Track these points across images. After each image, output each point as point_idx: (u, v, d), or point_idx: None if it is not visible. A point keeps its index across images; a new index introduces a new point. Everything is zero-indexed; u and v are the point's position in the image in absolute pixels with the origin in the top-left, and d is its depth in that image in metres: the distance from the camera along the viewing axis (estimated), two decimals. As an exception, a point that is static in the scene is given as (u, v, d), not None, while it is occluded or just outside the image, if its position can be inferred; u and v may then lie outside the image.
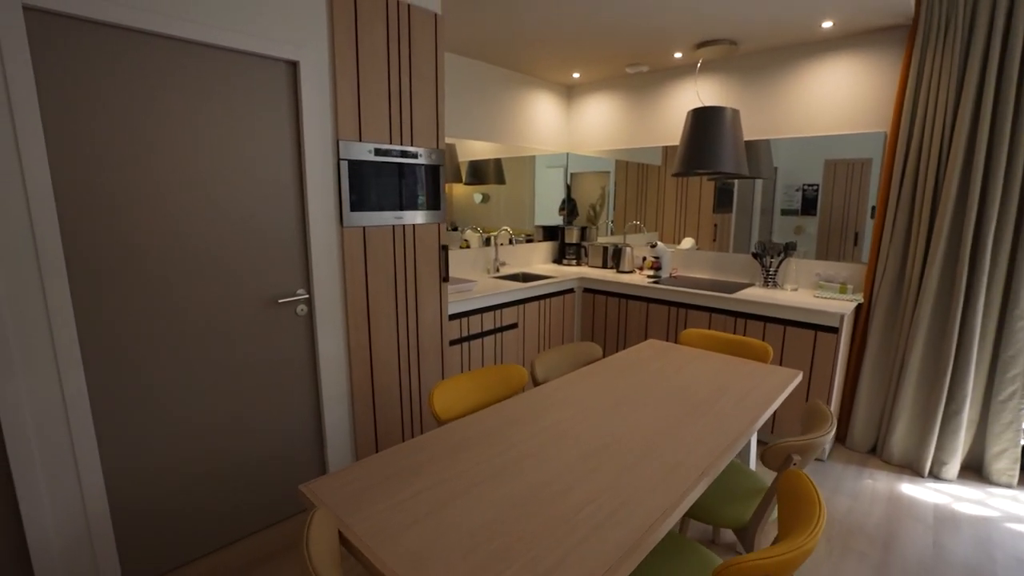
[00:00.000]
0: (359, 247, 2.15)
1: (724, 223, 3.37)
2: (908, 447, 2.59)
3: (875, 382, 2.68)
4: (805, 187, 3.07)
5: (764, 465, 1.39)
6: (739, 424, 1.50)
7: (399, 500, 1.13)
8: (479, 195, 3.63)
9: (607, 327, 3.36)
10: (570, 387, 1.77)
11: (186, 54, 1.66)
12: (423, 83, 2.28)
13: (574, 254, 3.93)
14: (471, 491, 1.16)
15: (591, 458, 1.31)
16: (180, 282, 1.73)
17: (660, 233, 3.67)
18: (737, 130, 2.88)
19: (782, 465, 1.38)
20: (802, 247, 3.02)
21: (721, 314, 2.82)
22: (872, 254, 2.67)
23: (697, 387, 1.77)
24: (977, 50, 2.25)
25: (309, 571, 0.84)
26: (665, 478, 1.21)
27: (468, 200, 3.56)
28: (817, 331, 2.50)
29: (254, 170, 1.86)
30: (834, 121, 2.84)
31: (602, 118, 3.84)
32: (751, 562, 0.90)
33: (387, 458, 1.30)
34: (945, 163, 2.41)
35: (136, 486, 1.72)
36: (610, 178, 3.92)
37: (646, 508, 1.10)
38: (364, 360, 2.24)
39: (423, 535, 1.01)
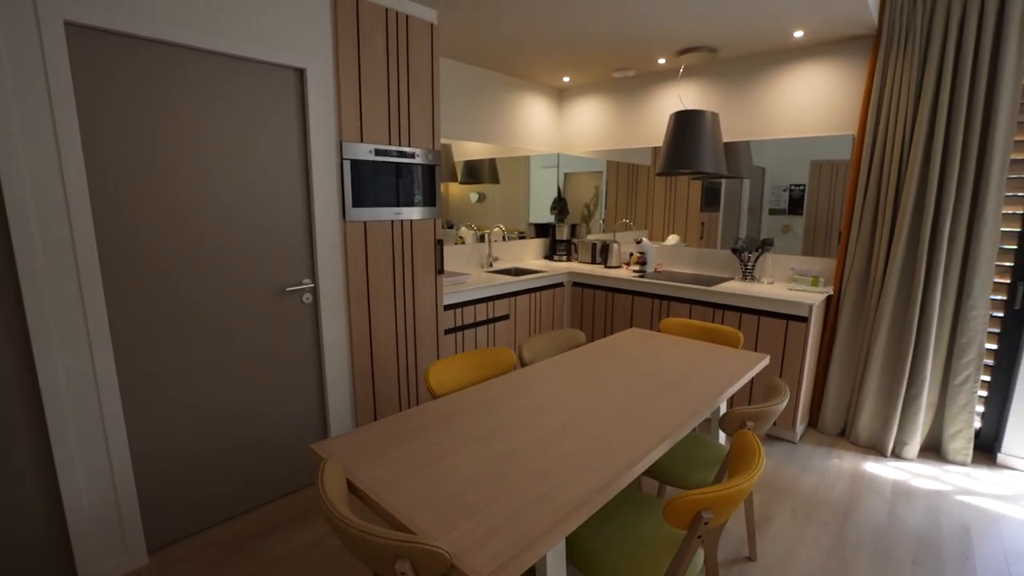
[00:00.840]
0: (360, 240, 2.32)
1: (711, 221, 3.54)
2: (873, 429, 2.77)
3: (844, 369, 2.86)
4: (792, 187, 3.24)
5: (723, 431, 1.56)
6: (703, 399, 1.67)
7: (396, 457, 1.30)
8: (475, 194, 3.79)
9: (595, 318, 3.54)
10: (553, 368, 1.94)
11: (204, 63, 1.83)
12: (420, 88, 2.45)
13: (564, 250, 4.10)
14: (460, 451, 1.33)
15: (567, 426, 1.48)
16: (195, 274, 1.90)
17: (649, 231, 3.84)
18: (716, 132, 3.06)
19: (738, 429, 1.56)
20: (790, 245, 3.18)
21: (701, 305, 3.00)
22: (841, 249, 2.85)
23: (670, 369, 1.94)
24: (933, 59, 2.44)
25: (326, 504, 1.01)
26: (630, 442, 1.38)
27: (465, 199, 3.73)
28: (788, 320, 2.68)
29: (264, 169, 2.03)
30: (806, 124, 3.02)
31: (591, 120, 4.01)
32: (693, 497, 1.07)
33: (385, 425, 1.47)
34: (906, 164, 2.59)
35: (157, 458, 1.89)
36: (603, 178, 4.10)
37: (611, 464, 1.27)
38: (365, 345, 2.40)
39: (419, 484, 1.18)
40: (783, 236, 3.21)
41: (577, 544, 1.37)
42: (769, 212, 3.30)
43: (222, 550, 1.94)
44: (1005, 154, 2.35)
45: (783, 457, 2.67)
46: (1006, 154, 2.35)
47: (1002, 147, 2.34)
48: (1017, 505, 2.28)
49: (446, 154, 3.48)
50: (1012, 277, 2.53)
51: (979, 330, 2.49)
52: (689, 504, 1.07)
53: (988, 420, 2.67)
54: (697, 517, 1.09)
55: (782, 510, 2.24)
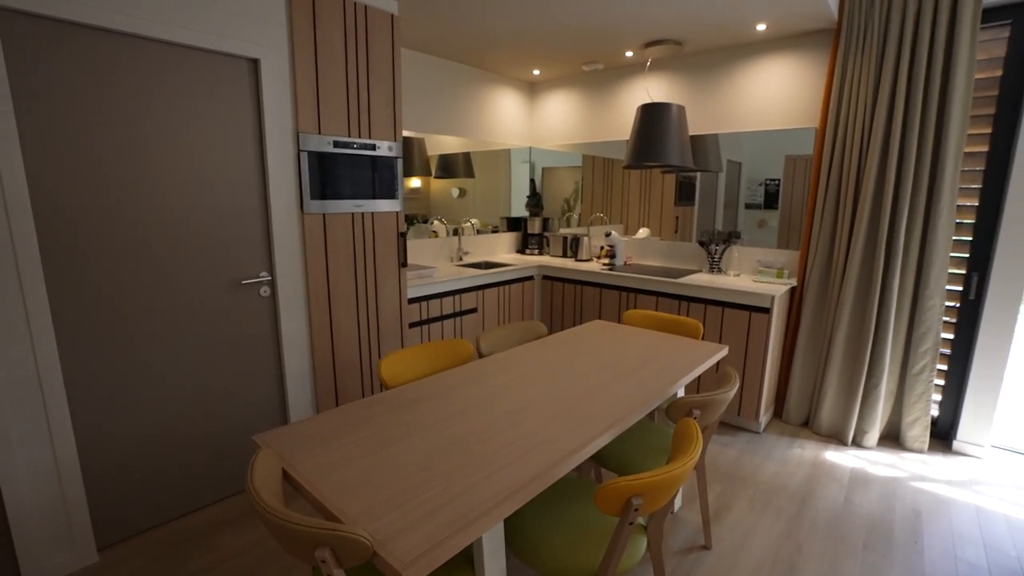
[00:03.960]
0: (319, 233, 2.30)
1: (686, 215, 3.56)
2: (835, 418, 2.82)
3: (807, 359, 2.90)
4: (767, 182, 3.27)
5: (669, 419, 1.57)
6: (655, 388, 1.67)
7: (338, 446, 1.29)
8: (456, 190, 3.81)
9: (564, 311, 3.55)
10: (511, 359, 1.94)
11: (151, 52, 1.79)
12: (381, 79, 2.43)
13: (536, 244, 4.10)
14: (407, 438, 1.33)
15: (517, 414, 1.48)
16: (144, 266, 1.86)
17: (625, 225, 3.85)
18: (682, 125, 3.07)
19: (687, 414, 1.57)
20: (766, 239, 3.18)
21: (667, 298, 3.02)
22: (804, 241, 2.89)
23: (627, 359, 1.95)
24: (891, 53, 2.47)
25: (250, 491, 1.00)
26: (576, 428, 1.39)
27: (446, 195, 3.74)
28: (752, 312, 2.71)
29: (217, 161, 2.00)
30: (770, 117, 3.05)
31: (563, 114, 4.01)
32: (625, 482, 1.08)
33: (332, 415, 1.46)
34: (865, 156, 2.63)
35: (107, 452, 1.86)
36: (580, 172, 4.10)
37: (554, 452, 1.27)
38: (326, 338, 2.38)
39: (357, 472, 1.17)
40: (759, 230, 3.23)
41: (518, 531, 1.38)
42: (745, 206, 3.32)
43: (173, 546, 1.92)
44: (959, 147, 2.39)
45: (746, 447, 2.71)
46: (959, 147, 2.39)
47: (955, 140, 2.38)
48: (968, 490, 2.33)
49: (419, 148, 3.46)
50: (967, 268, 2.58)
51: (935, 319, 2.54)
52: (619, 491, 1.08)
53: (944, 408, 2.72)
54: (628, 504, 1.10)
55: (741, 499, 2.26)
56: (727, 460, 2.58)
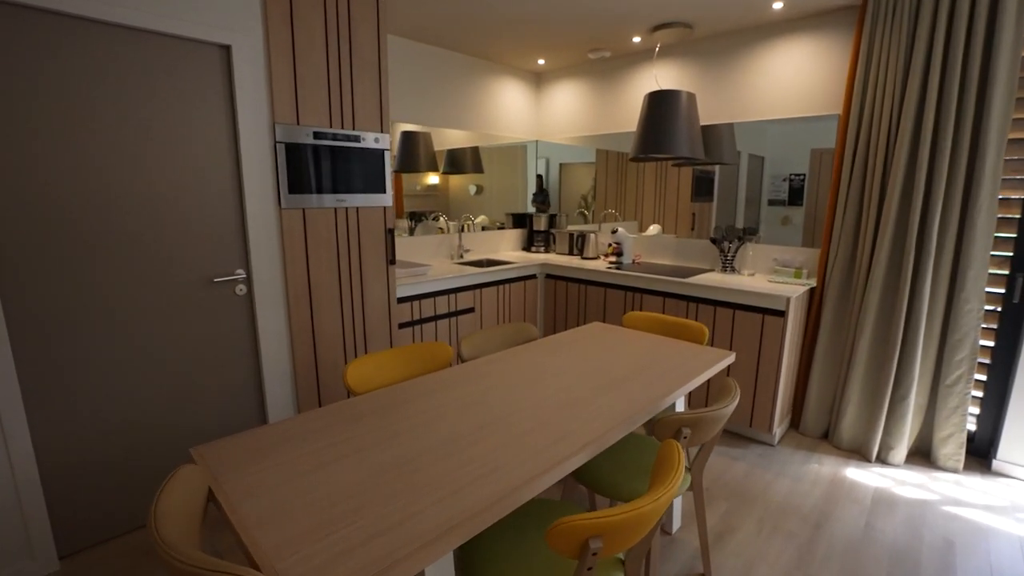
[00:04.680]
0: (299, 228, 2.19)
1: (703, 212, 3.34)
2: (857, 432, 2.58)
3: (827, 367, 2.67)
4: (792, 176, 3.04)
5: (655, 438, 1.40)
6: (647, 400, 1.50)
7: (278, 462, 1.16)
8: (473, 186, 3.75)
9: (568, 312, 3.38)
10: (492, 365, 1.79)
11: (113, 38, 1.70)
12: (366, 67, 2.31)
13: (543, 241, 3.94)
14: (354, 455, 1.19)
15: (487, 427, 1.33)
16: (108, 263, 1.78)
17: (639, 221, 3.65)
18: (692, 114, 2.87)
19: (675, 436, 1.40)
20: (789, 237, 2.95)
21: (674, 298, 2.83)
22: (825, 238, 2.65)
23: (620, 366, 1.78)
24: (923, 32, 2.22)
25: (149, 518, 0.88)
26: (549, 447, 1.23)
27: (464, 191, 3.69)
28: (765, 315, 2.50)
29: (187, 153, 1.90)
30: (788, 104, 2.82)
31: (569, 105, 3.84)
32: (580, 521, 0.92)
33: (283, 425, 1.34)
34: (893, 145, 2.38)
35: (69, 460, 1.78)
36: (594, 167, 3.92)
37: (515, 474, 1.12)
38: (307, 339, 2.28)
39: (287, 493, 1.05)
40: (783, 228, 3.00)
41: (471, 564, 1.23)
42: (768, 203, 3.09)
43: (137, 556, 1.84)
44: (1002, 134, 2.14)
45: (757, 461, 2.50)
46: (1003, 134, 2.14)
47: (998, 125, 2.13)
48: (1009, 518, 2.08)
49: (425, 143, 3.35)
50: (1011, 268, 2.32)
51: (973, 326, 2.29)
52: (572, 530, 0.92)
53: (983, 423, 2.46)
54: (585, 546, 0.94)
55: (748, 520, 2.07)
56: (735, 475, 2.37)
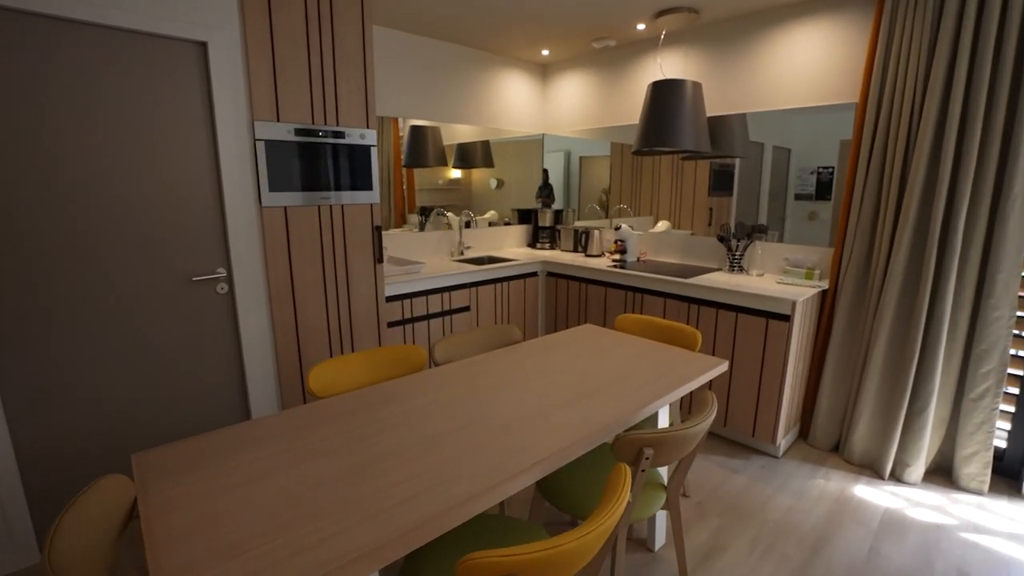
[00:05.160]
0: (280, 226, 2.17)
1: (721, 207, 3.17)
2: (869, 446, 2.40)
3: (839, 374, 2.49)
4: (820, 170, 2.85)
5: (616, 458, 1.30)
6: (621, 411, 1.41)
7: (219, 470, 1.13)
8: (494, 181, 3.76)
9: (569, 312, 3.28)
10: (467, 369, 1.73)
11: (87, 37, 1.70)
12: (349, 61, 2.26)
13: (548, 237, 3.84)
14: (298, 465, 1.15)
15: (441, 438, 1.27)
16: (87, 256, 1.79)
17: (655, 217, 3.50)
18: (698, 104, 2.71)
19: (635, 460, 1.30)
20: (816, 234, 2.75)
21: (675, 300, 2.69)
22: (839, 236, 2.46)
23: (603, 372, 1.69)
24: (952, 8, 2.01)
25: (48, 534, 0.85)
26: (499, 463, 1.16)
27: (485, 186, 3.71)
28: (769, 319, 2.34)
29: (165, 152, 1.90)
30: (802, 92, 2.62)
31: (575, 97, 3.70)
32: (492, 558, 0.84)
33: (238, 429, 1.31)
34: (915, 137, 2.18)
35: (49, 453, 1.81)
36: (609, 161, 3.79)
37: (455, 492, 1.05)
38: (290, 338, 2.27)
39: (213, 507, 1.01)
40: (809, 223, 2.81)
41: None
42: (795, 197, 2.90)
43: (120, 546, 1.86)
44: (1039, 120, 1.91)
45: (759, 474, 2.35)
46: (1040, 120, 1.91)
47: (1034, 111, 1.91)
48: (1036, 547, 1.89)
49: (434, 137, 3.31)
50: (1048, 271, 2.09)
51: (1002, 335, 2.08)
52: (481, 569, 0.84)
53: (1014, 441, 2.24)
54: (497, 582, 0.86)
55: (740, 539, 1.94)
56: (733, 489, 2.24)
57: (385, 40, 2.97)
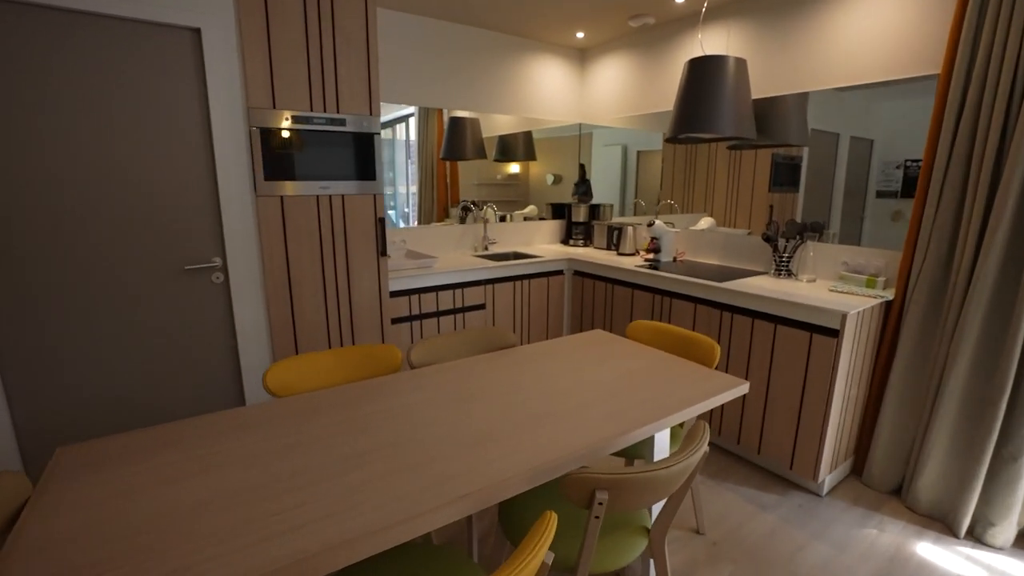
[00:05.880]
0: (276, 217, 2.12)
1: (784, 203, 2.78)
2: (940, 495, 1.96)
3: (904, 403, 2.07)
4: (908, 163, 2.42)
5: (567, 498, 1.09)
6: (598, 436, 1.19)
7: (128, 471, 1.05)
8: (551, 176, 3.70)
9: (595, 314, 3.02)
10: (439, 375, 1.57)
11: (79, 25, 1.72)
12: (350, 45, 2.17)
13: (581, 234, 3.59)
14: (216, 470, 1.06)
15: (370, 455, 1.13)
16: (80, 245, 1.83)
17: (710, 213, 3.16)
18: (742, 84, 2.37)
19: (588, 501, 1.07)
20: (900, 235, 2.32)
21: (706, 306, 2.37)
22: (909, 237, 2.04)
23: (594, 385, 1.47)
24: (1070, -57, 1.56)
25: None
26: (422, 492, 0.99)
27: (542, 181, 3.67)
28: (813, 333, 1.98)
29: (158, 139, 1.90)
30: (869, 66, 2.20)
31: (614, 83, 3.42)
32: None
33: (173, 427, 1.24)
34: (1015, 116, 1.73)
35: (51, 443, 1.88)
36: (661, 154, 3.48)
37: (350, 525, 0.90)
38: (287, 331, 2.22)
39: (103, 513, 0.93)
40: (893, 224, 2.38)
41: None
42: (876, 194, 2.48)
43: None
44: None
45: (792, 514, 2.00)
46: None
47: None
48: None
49: (473, 129, 3.21)
50: None
51: None
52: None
53: None
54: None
55: (756, 592, 1.64)
56: (758, 529, 1.92)
57: (416, 27, 2.87)
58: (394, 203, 3.06)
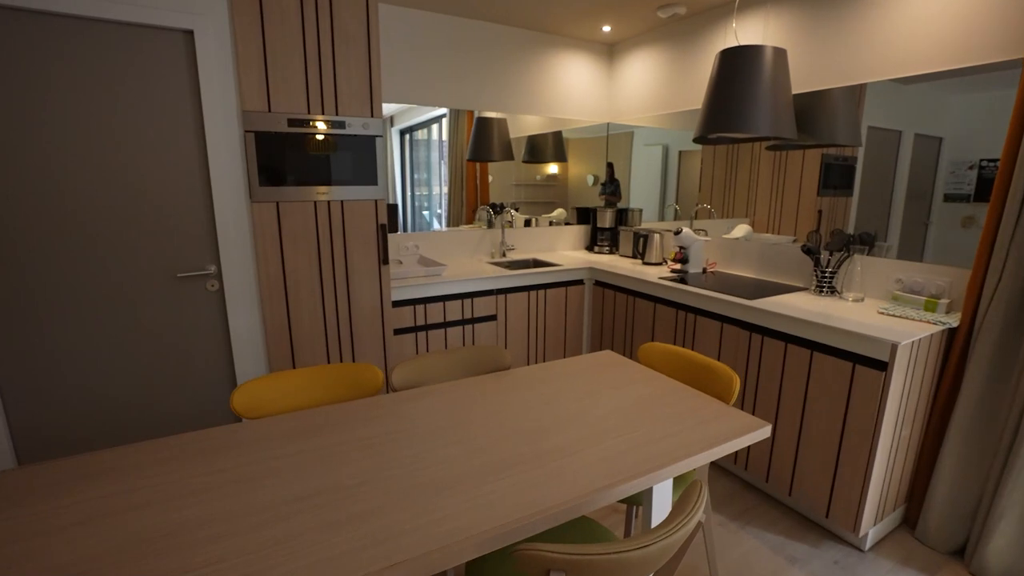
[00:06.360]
0: (272, 223, 2.06)
1: (836, 208, 2.47)
2: (1016, 564, 1.64)
3: (970, 449, 1.75)
4: (984, 163, 2.11)
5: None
6: (576, 491, 1.02)
7: (48, 508, 0.98)
8: (591, 177, 3.56)
9: (615, 328, 2.81)
10: (418, 401, 1.44)
11: (67, 31, 1.70)
12: (350, 44, 2.07)
13: (607, 240, 3.37)
14: (112, 515, 0.96)
15: (309, 499, 1.00)
16: (72, 250, 1.81)
17: (752, 219, 2.89)
18: (780, 77, 2.10)
19: None
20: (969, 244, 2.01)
21: (734, 325, 2.12)
22: (981, 252, 1.73)
23: (588, 422, 1.29)
24: None
25: None
26: (349, 555, 0.86)
27: (582, 182, 3.55)
28: (856, 364, 1.71)
29: (151, 145, 1.87)
30: (941, 51, 1.89)
31: (644, 80, 3.18)
32: None
33: (108, 455, 1.16)
34: (1123, 102, 1.41)
35: (46, 446, 1.88)
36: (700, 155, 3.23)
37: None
38: (283, 341, 2.15)
39: None
40: (963, 231, 2.06)
41: None
42: (944, 198, 2.16)
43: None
44: None
45: (827, 571, 1.73)
46: None
47: None
48: None
49: (499, 130, 3.10)
50: None
51: None
52: None
53: None
54: None
55: (775, 667, 1.40)
56: (784, 588, 1.67)
57: (436, 25, 2.75)
58: (428, 204, 2.99)
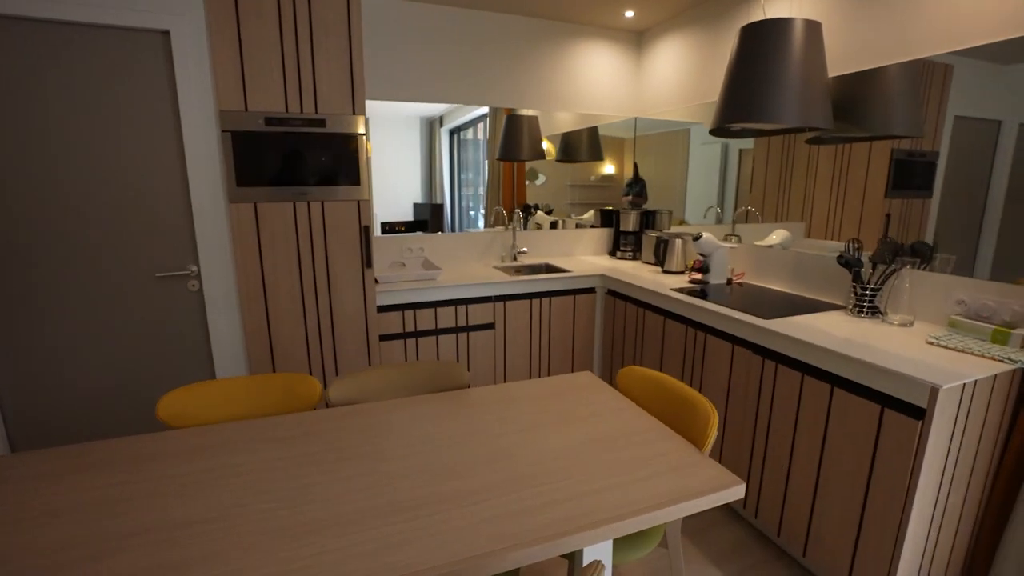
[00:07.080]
0: (250, 224, 2.02)
1: (910, 212, 2.07)
2: None
3: (1049, 527, 1.35)
4: None
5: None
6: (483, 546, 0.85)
7: None
8: None
9: (625, 344, 2.54)
10: (343, 420, 1.31)
11: (48, 35, 1.74)
12: (330, 38, 1.99)
13: (631, 245, 3.09)
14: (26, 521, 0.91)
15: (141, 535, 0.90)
16: (60, 248, 1.87)
17: (808, 224, 2.52)
18: (812, 56, 1.77)
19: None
20: None
21: (746, 348, 1.81)
22: (1069, 273, 1.32)
23: (532, 460, 1.11)
24: None
25: None
26: None
27: None
28: (885, 408, 1.37)
29: (132, 144, 1.88)
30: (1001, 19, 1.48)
31: (673, 69, 2.87)
32: None
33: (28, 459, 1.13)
34: None
35: (39, 436, 1.96)
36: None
37: None
38: (263, 344, 2.11)
39: None
40: None
41: None
42: None
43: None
44: None
45: (842, 661, 1.40)
46: None
47: None
48: None
49: (529, 128, 2.97)
50: None
51: None
52: None
53: None
54: None
55: None
56: (780, 675, 1.37)
57: (449, 19, 2.64)
58: (473, 204, 2.93)
